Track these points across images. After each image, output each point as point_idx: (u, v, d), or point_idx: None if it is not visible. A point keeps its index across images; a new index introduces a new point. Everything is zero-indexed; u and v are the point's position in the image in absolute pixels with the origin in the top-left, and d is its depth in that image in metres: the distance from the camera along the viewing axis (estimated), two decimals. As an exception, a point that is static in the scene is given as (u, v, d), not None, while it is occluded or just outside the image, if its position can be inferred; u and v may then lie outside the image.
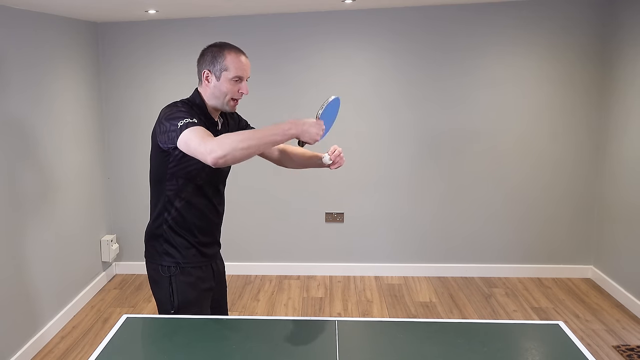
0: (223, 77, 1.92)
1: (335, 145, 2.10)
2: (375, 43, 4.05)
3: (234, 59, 1.92)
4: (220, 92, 1.93)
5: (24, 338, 3.13)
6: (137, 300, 3.93)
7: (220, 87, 1.93)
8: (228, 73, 1.91)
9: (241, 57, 1.93)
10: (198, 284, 2.01)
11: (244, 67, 1.93)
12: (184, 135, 1.74)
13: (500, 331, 1.77)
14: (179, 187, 1.96)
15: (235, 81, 1.93)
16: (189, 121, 1.77)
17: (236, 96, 1.95)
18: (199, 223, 2.02)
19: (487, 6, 3.92)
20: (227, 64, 1.91)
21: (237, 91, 1.94)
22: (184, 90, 4.16)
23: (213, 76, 1.93)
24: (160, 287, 2.01)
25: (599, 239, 4.04)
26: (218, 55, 1.92)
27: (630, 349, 3.09)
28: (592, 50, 3.91)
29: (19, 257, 3.08)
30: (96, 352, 1.63)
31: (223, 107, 1.96)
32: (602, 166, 3.98)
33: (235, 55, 1.92)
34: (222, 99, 1.94)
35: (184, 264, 1.99)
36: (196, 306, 1.99)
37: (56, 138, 3.52)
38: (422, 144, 4.15)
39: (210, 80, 1.94)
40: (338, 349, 1.64)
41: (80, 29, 3.88)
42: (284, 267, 4.38)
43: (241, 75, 1.93)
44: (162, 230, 2.00)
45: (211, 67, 1.93)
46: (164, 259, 1.99)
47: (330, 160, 2.05)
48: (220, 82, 1.93)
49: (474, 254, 4.25)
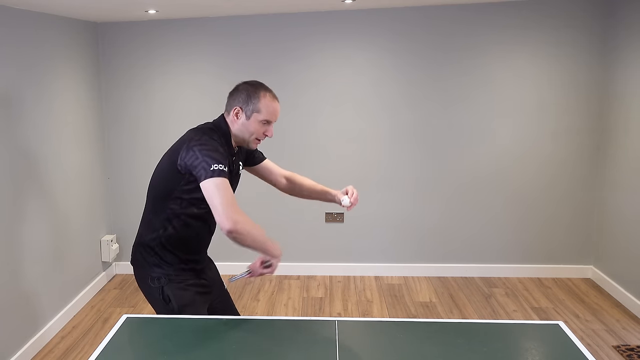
0: (253, 118, 1.95)
1: (352, 187, 2.17)
2: (375, 43, 4.05)
3: (268, 104, 1.95)
4: (247, 130, 1.97)
5: (24, 338, 3.13)
6: (137, 300, 3.93)
7: (248, 127, 1.96)
8: (259, 115, 1.95)
9: (275, 104, 1.97)
10: (190, 288, 2.01)
11: (275, 113, 1.98)
12: (214, 183, 1.75)
13: (500, 331, 1.77)
14: (181, 208, 1.95)
15: (263, 124, 1.97)
16: (222, 169, 1.78)
17: (261, 137, 1.99)
18: (192, 242, 2.03)
19: (487, 6, 3.92)
20: (260, 107, 1.94)
21: (263, 133, 1.98)
22: (183, 91, 4.19)
23: (243, 114, 1.96)
24: (153, 297, 2.01)
25: (599, 239, 4.04)
26: (253, 96, 1.95)
27: (630, 349, 3.09)
28: (592, 50, 3.91)
29: (19, 257, 3.08)
30: (96, 352, 1.63)
31: (246, 144, 2.01)
32: (602, 166, 3.98)
33: (269, 100, 1.96)
34: (247, 137, 1.98)
35: (174, 275, 1.99)
36: (193, 307, 1.98)
37: (56, 138, 3.52)
38: (422, 144, 4.15)
39: (240, 118, 1.96)
40: (338, 349, 1.64)
41: (80, 29, 3.88)
42: (284, 267, 4.38)
43: (271, 119, 1.97)
44: (155, 243, 2.00)
45: (244, 105, 1.96)
46: (154, 270, 2.00)
47: (349, 203, 2.13)
48: (250, 121, 1.96)
49: (474, 254, 4.25)
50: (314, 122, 4.20)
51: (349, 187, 2.17)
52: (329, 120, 4.18)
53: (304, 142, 4.22)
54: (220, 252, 2.25)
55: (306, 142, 4.22)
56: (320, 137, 4.21)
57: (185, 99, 4.20)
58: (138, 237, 2.07)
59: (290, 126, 4.18)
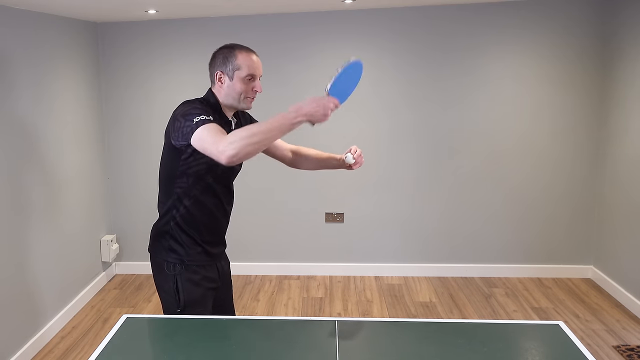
0: (236, 77, 1.94)
1: (355, 146, 2.16)
2: (375, 43, 4.05)
3: (245, 58, 1.94)
4: (235, 91, 1.95)
5: (24, 338, 3.13)
6: (137, 300, 3.93)
7: (234, 87, 1.95)
8: (240, 72, 1.93)
9: (252, 56, 1.96)
10: (203, 283, 2.01)
11: (256, 66, 1.96)
12: (198, 132, 1.74)
13: (500, 331, 1.77)
14: (189, 185, 1.96)
15: (248, 80, 1.95)
16: (204, 118, 1.77)
17: (250, 94, 1.97)
18: (207, 221, 2.02)
19: (487, 6, 3.92)
20: (239, 63, 1.93)
21: (252, 89, 1.97)
22: (184, 90, 4.18)
23: (226, 77, 1.95)
24: (165, 286, 2.01)
25: (599, 239, 4.04)
26: (229, 56, 1.94)
27: (630, 349, 3.09)
28: (592, 50, 3.91)
29: (19, 257, 3.08)
30: (96, 352, 1.63)
31: (239, 105, 1.98)
32: (602, 166, 3.98)
33: (246, 55, 1.95)
34: (237, 98, 1.96)
35: (189, 262, 1.99)
36: (201, 305, 1.99)
37: (56, 138, 3.52)
38: (422, 144, 4.15)
39: (224, 81, 1.96)
40: (338, 349, 1.64)
41: (80, 29, 3.88)
42: (284, 267, 4.38)
43: (254, 73, 1.95)
44: (169, 227, 2.00)
45: (223, 67, 1.95)
46: (169, 256, 2.00)
47: (353, 160, 2.11)
48: (234, 82, 1.95)
49: (474, 254, 4.25)
50: (314, 122, 4.19)
51: (353, 146, 2.16)
52: (329, 120, 4.17)
53: (304, 142, 4.19)
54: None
55: (306, 142, 4.19)
56: (320, 137, 4.21)
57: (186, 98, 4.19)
58: (154, 226, 2.07)
59: (290, 126, 4.17)
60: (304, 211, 4.30)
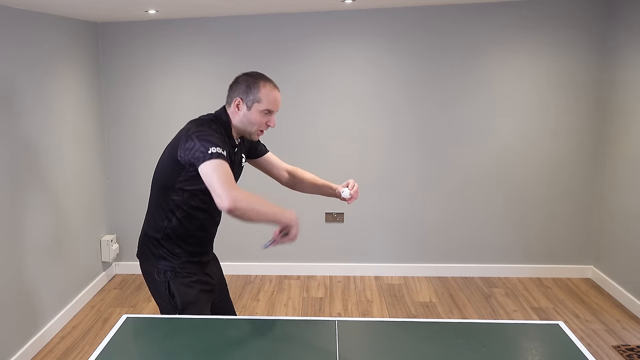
0: (254, 108, 1.95)
1: (352, 180, 2.19)
2: (375, 43, 4.05)
3: (268, 93, 1.94)
4: (249, 121, 1.96)
5: (24, 338, 3.13)
6: (137, 300, 3.93)
7: (250, 117, 1.95)
8: (260, 105, 1.94)
9: (275, 92, 1.97)
10: (195, 285, 2.02)
11: (276, 102, 1.97)
12: (211, 165, 1.74)
13: (500, 331, 1.77)
14: (184, 199, 1.96)
15: (265, 114, 1.96)
16: (220, 152, 1.77)
17: (263, 127, 1.99)
18: (197, 234, 2.03)
19: (487, 6, 3.92)
20: (260, 97, 1.94)
21: (266, 123, 1.98)
22: (184, 90, 4.19)
23: (244, 105, 1.95)
24: (159, 291, 2.02)
25: (599, 239, 4.04)
26: (253, 86, 1.94)
27: (630, 349, 3.09)
28: (592, 50, 3.91)
29: (19, 257, 3.08)
30: (96, 352, 1.63)
31: (249, 135, 2.00)
32: (602, 166, 3.98)
33: (269, 89, 1.95)
34: (249, 128, 1.98)
35: (180, 269, 2.00)
36: (196, 306, 1.98)
37: (56, 138, 3.52)
38: (422, 144, 4.15)
39: (241, 109, 1.96)
40: (338, 349, 1.63)
41: (80, 29, 3.88)
42: (284, 267, 4.38)
43: (272, 109, 1.96)
44: (161, 235, 2.00)
45: (244, 96, 1.95)
46: (160, 263, 2.00)
47: (349, 195, 2.14)
48: (251, 112, 1.95)
49: (474, 254, 4.25)
50: (314, 122, 4.20)
51: (350, 181, 2.19)
52: (329, 120, 4.18)
53: (304, 142, 4.22)
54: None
55: (306, 142, 4.22)
56: (320, 137, 4.21)
57: (185, 98, 4.20)
58: (143, 230, 2.08)
59: (290, 126, 4.18)
60: (304, 211, 4.29)
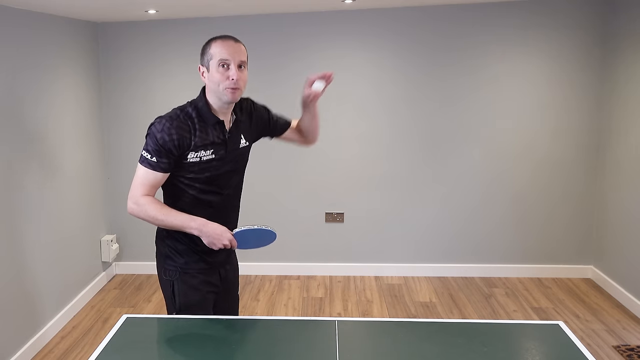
0: (212, 67, 1.85)
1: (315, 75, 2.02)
2: (375, 43, 4.05)
3: (218, 44, 1.85)
4: (213, 82, 1.85)
5: (24, 338, 3.13)
6: (137, 300, 3.93)
7: (212, 78, 1.86)
8: (214, 61, 1.84)
9: (227, 42, 1.85)
10: (202, 287, 1.97)
11: (229, 50, 1.83)
12: (137, 168, 1.88)
13: (500, 331, 1.77)
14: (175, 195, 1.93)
15: (222, 67, 1.83)
16: (148, 159, 1.84)
17: (227, 84, 1.83)
18: None
19: (487, 6, 3.92)
20: (212, 52, 1.85)
21: (227, 78, 1.83)
22: (183, 91, 4.18)
23: (205, 69, 1.89)
24: (164, 289, 2.01)
25: (599, 239, 4.04)
26: (206, 47, 1.90)
27: (630, 349, 3.09)
28: (592, 50, 3.91)
29: (19, 258, 3.08)
30: (96, 352, 1.63)
31: (222, 98, 1.87)
32: (602, 166, 3.98)
33: (220, 41, 1.86)
34: (217, 90, 1.86)
35: (186, 268, 1.95)
36: (199, 309, 1.96)
37: (56, 138, 3.52)
38: (422, 144, 4.15)
39: (205, 75, 1.90)
40: (338, 349, 1.63)
41: (80, 29, 3.88)
42: (284, 267, 4.38)
43: (225, 58, 1.82)
44: (165, 234, 1.98)
45: (202, 60, 1.91)
46: (167, 262, 1.98)
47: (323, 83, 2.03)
48: (211, 72, 1.86)
49: (474, 254, 4.25)
50: (314, 122, 4.19)
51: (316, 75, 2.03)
52: (329, 120, 4.17)
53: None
54: None
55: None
56: (320, 137, 4.21)
57: (185, 99, 4.17)
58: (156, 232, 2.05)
59: (290, 126, 4.17)
60: (304, 211, 4.30)
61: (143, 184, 1.85)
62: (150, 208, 1.83)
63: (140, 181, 1.86)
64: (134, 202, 1.85)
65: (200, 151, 1.87)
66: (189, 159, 1.86)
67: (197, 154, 1.87)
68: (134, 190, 1.86)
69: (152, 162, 1.83)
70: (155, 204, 1.84)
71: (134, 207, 1.85)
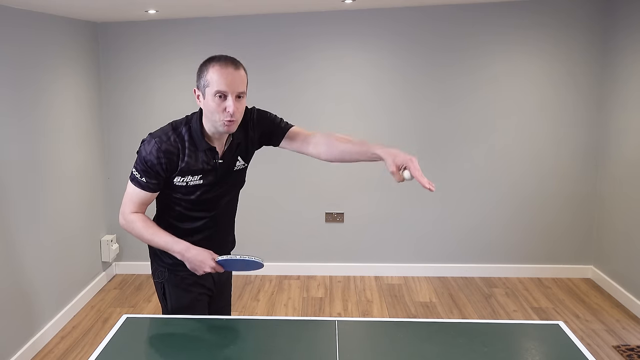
0: (207, 94, 1.69)
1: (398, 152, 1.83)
2: (375, 43, 4.05)
3: (216, 71, 1.66)
4: (209, 111, 1.71)
5: (24, 338, 3.13)
6: (137, 300, 3.93)
7: (207, 106, 1.70)
8: (210, 89, 1.67)
9: (226, 69, 1.66)
10: (193, 289, 1.95)
11: (227, 80, 1.65)
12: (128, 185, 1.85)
13: (500, 331, 1.77)
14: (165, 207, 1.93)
15: (218, 97, 1.67)
16: (135, 177, 1.81)
17: (223, 116, 1.68)
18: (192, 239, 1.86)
19: (487, 6, 3.92)
20: (208, 79, 1.67)
21: (223, 110, 1.68)
22: (183, 91, 4.18)
23: (201, 94, 1.73)
24: (157, 290, 2.01)
25: (599, 239, 4.04)
26: (203, 69, 1.71)
27: (630, 349, 3.09)
28: (592, 50, 3.91)
29: (19, 257, 3.08)
30: (96, 352, 1.63)
31: (217, 129, 1.74)
32: (602, 166, 3.98)
33: (219, 67, 1.66)
34: (212, 119, 1.72)
35: (176, 270, 1.92)
36: (191, 311, 1.93)
37: (56, 138, 3.52)
38: (422, 144, 4.14)
39: (200, 100, 1.74)
40: (338, 349, 1.63)
41: (80, 29, 3.88)
42: (284, 267, 4.38)
43: (223, 89, 1.66)
44: None
45: (198, 83, 1.73)
46: (157, 262, 1.97)
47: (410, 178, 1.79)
48: (207, 99, 1.69)
49: (474, 254, 4.25)
50: (314, 122, 4.19)
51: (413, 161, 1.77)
52: (329, 121, 4.17)
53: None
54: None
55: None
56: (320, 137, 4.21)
57: (185, 99, 4.19)
58: None
59: (290, 126, 4.17)
60: (304, 211, 4.30)
61: (132, 201, 1.85)
62: (137, 226, 1.84)
63: (130, 198, 1.85)
64: (124, 218, 1.86)
65: (187, 176, 1.80)
66: (175, 182, 1.81)
67: (184, 178, 1.80)
68: (124, 207, 1.86)
69: (141, 181, 1.80)
70: (143, 222, 1.84)
71: (123, 222, 1.87)
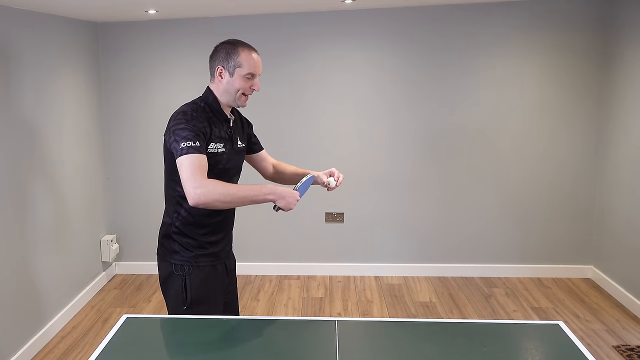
0: (236, 74, 1.96)
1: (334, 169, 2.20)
2: (375, 43, 4.05)
3: (247, 56, 1.96)
4: (233, 88, 1.97)
5: (24, 338, 3.13)
6: (137, 300, 3.93)
7: (234, 84, 1.97)
8: (241, 70, 1.95)
9: (254, 54, 1.98)
10: (211, 281, 2.02)
11: (257, 64, 1.98)
12: (181, 160, 1.80)
13: (500, 331, 1.77)
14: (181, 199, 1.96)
15: (247, 78, 1.97)
16: (190, 145, 1.80)
17: (248, 92, 2.00)
18: (209, 222, 2.01)
19: (487, 6, 3.92)
20: (240, 61, 1.95)
21: (250, 87, 1.99)
22: (183, 91, 4.18)
23: (227, 72, 1.97)
24: (173, 284, 2.00)
25: (599, 239, 4.04)
26: (232, 52, 1.96)
27: (630, 349, 3.10)
28: (592, 51, 3.91)
29: (19, 257, 3.08)
30: (96, 352, 1.63)
31: (235, 102, 2.01)
32: (602, 166, 3.98)
33: (248, 52, 1.97)
34: (233, 94, 1.98)
35: (195, 262, 1.99)
36: (209, 303, 1.99)
37: (56, 138, 3.52)
38: (422, 144, 4.15)
39: (224, 77, 1.97)
40: (338, 349, 1.63)
41: (80, 29, 3.88)
42: (284, 267, 4.38)
43: (254, 72, 1.97)
44: (172, 230, 2.01)
45: (225, 63, 1.97)
46: (175, 258, 2.00)
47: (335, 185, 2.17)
48: (234, 78, 1.96)
49: (474, 254, 4.25)
50: (314, 122, 4.20)
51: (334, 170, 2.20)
52: (329, 121, 4.18)
53: (304, 141, 4.22)
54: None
55: (306, 142, 4.22)
56: (320, 137, 4.22)
57: (185, 99, 4.17)
58: (161, 227, 2.07)
59: (290, 126, 4.18)
60: (304, 211, 4.30)
61: (200, 168, 1.79)
62: (219, 186, 1.78)
63: (194, 169, 1.78)
64: (199, 186, 1.75)
65: (218, 143, 1.95)
66: (209, 149, 1.91)
67: (215, 145, 1.94)
68: (193, 179, 1.76)
69: (196, 146, 1.82)
70: (222, 182, 1.81)
71: (201, 190, 1.74)
